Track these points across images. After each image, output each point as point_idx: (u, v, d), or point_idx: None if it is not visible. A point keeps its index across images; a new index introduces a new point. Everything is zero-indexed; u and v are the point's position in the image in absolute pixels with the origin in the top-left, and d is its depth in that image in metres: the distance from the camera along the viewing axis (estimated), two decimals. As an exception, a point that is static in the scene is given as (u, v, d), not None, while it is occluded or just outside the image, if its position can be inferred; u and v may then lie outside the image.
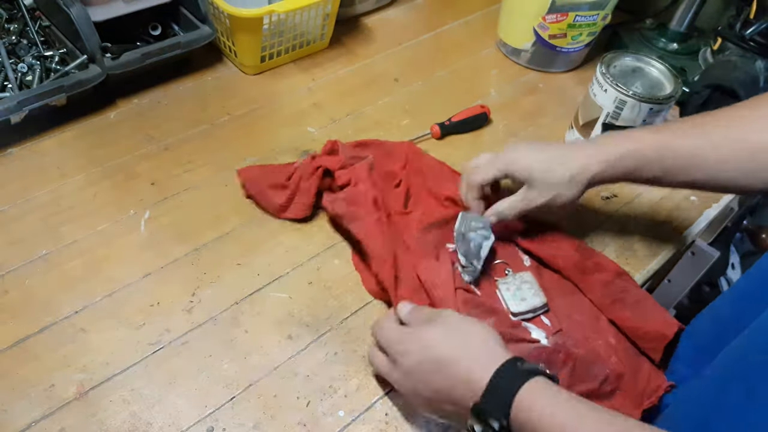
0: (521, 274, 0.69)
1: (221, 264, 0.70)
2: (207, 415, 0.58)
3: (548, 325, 0.66)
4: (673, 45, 1.03)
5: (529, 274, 0.69)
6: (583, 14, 0.94)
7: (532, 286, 0.68)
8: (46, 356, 0.61)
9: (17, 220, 0.72)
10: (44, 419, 0.57)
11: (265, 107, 0.90)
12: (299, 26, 0.93)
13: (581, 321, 0.66)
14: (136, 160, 0.80)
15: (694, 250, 0.83)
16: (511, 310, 0.66)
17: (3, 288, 0.66)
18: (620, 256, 0.77)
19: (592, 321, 0.67)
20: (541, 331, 0.65)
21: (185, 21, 0.90)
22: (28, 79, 0.81)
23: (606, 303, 0.67)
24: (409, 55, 1.03)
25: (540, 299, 0.67)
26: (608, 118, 0.82)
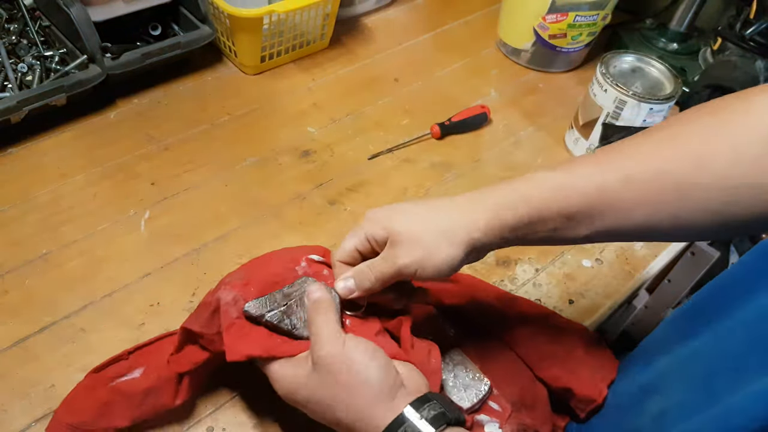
0: (450, 355, 0.59)
1: (221, 264, 0.70)
2: (207, 415, 0.58)
3: (498, 410, 0.57)
4: (673, 45, 1.03)
5: (458, 352, 0.59)
6: (583, 14, 0.94)
7: (466, 366, 0.58)
8: (46, 356, 0.61)
9: (17, 220, 0.72)
10: (44, 419, 0.57)
11: (265, 107, 0.90)
12: (299, 26, 0.93)
13: (522, 387, 0.60)
14: (136, 160, 0.80)
15: (694, 250, 0.83)
16: (461, 407, 0.56)
17: (3, 288, 0.66)
18: (620, 256, 0.77)
19: (529, 384, 0.60)
20: (494, 423, 0.56)
21: (185, 21, 0.90)
22: (28, 79, 0.81)
23: (534, 359, 0.61)
24: (409, 55, 1.03)
25: (482, 383, 0.57)
26: (608, 118, 0.82)
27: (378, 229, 0.51)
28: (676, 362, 0.52)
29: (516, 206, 0.49)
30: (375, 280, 0.51)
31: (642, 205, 0.46)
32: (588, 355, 0.61)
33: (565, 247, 0.77)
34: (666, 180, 0.45)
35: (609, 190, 0.47)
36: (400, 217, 0.51)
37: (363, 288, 0.52)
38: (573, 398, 0.60)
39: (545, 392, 0.60)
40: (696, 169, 0.45)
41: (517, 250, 0.76)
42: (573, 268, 0.75)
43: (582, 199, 0.47)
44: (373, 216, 0.52)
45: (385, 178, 0.83)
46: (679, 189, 0.45)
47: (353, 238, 0.53)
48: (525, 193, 0.49)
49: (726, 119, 0.45)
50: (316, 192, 0.79)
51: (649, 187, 0.46)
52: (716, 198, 0.44)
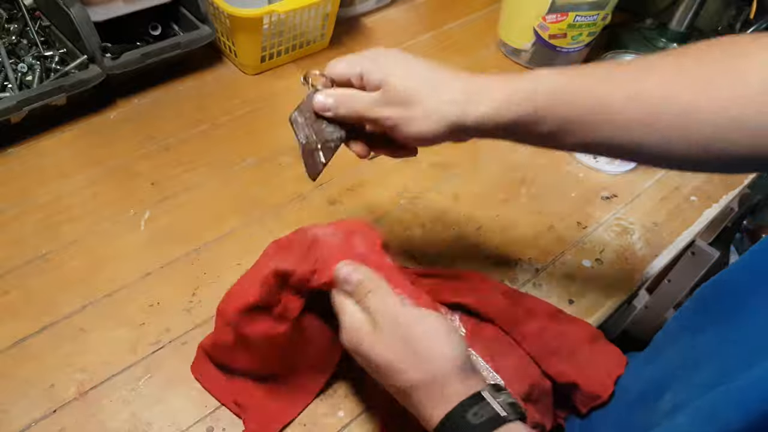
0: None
1: (221, 264, 0.70)
2: (207, 415, 0.58)
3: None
4: (673, 45, 1.02)
5: (470, 352, 0.57)
6: (583, 14, 0.94)
7: (479, 367, 0.58)
8: (46, 356, 0.61)
9: (17, 220, 0.72)
10: (44, 419, 0.57)
11: (265, 107, 0.90)
12: (299, 26, 0.93)
13: (531, 384, 0.60)
14: (136, 160, 0.80)
15: (694, 250, 0.83)
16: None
17: (3, 288, 0.66)
18: (620, 256, 0.77)
19: (538, 380, 0.61)
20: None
21: (185, 21, 0.90)
22: (28, 79, 0.81)
23: (542, 355, 0.61)
24: (409, 55, 1.03)
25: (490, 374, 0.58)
26: (608, 118, 0.82)
27: (375, 73, 0.50)
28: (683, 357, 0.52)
29: (518, 105, 0.48)
30: (353, 113, 0.52)
31: (641, 123, 0.46)
32: (595, 351, 0.62)
33: (565, 247, 0.77)
34: (670, 101, 0.46)
35: (613, 103, 0.47)
36: (400, 69, 0.50)
37: (338, 112, 0.53)
38: (578, 393, 0.60)
39: (550, 387, 0.60)
40: (700, 94, 0.45)
41: (517, 249, 0.76)
42: (573, 268, 0.75)
43: (584, 108, 0.47)
44: (375, 57, 0.52)
45: (384, 178, 0.83)
46: (681, 112, 0.45)
47: (348, 68, 0.52)
48: (528, 92, 0.48)
49: (736, 53, 0.45)
50: (316, 192, 0.79)
51: (652, 106, 0.46)
52: (713, 126, 0.45)
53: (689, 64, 0.46)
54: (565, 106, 0.48)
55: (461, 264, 0.74)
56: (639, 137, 0.47)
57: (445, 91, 0.49)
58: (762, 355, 0.41)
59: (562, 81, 0.48)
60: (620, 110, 0.47)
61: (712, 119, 0.44)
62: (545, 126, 0.48)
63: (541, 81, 0.49)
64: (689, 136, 0.45)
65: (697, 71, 0.46)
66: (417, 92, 0.49)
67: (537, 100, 0.48)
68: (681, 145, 0.46)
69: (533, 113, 0.48)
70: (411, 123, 0.49)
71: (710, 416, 0.41)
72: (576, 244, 0.78)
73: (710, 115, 0.44)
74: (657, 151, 0.47)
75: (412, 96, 0.49)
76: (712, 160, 0.46)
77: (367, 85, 0.51)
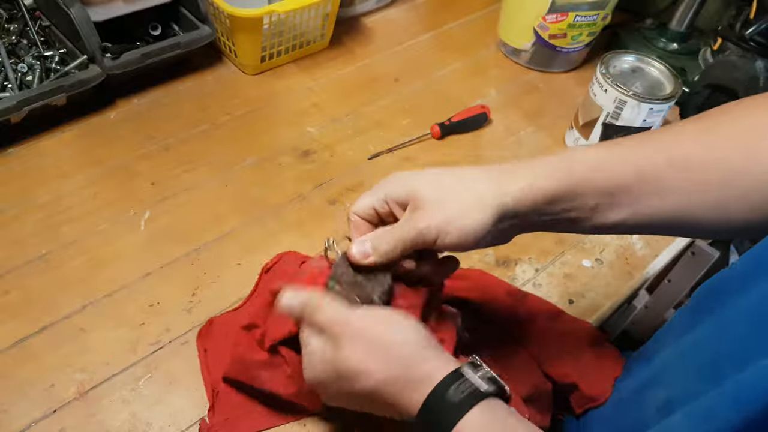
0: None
1: (221, 264, 0.70)
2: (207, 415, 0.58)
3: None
4: (673, 45, 1.03)
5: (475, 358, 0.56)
6: (583, 14, 0.94)
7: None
8: (46, 356, 0.61)
9: (17, 220, 0.72)
10: (44, 419, 0.57)
11: (265, 107, 0.90)
12: (299, 26, 0.93)
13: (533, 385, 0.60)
14: (136, 160, 0.80)
15: (694, 250, 0.83)
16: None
17: (3, 288, 0.66)
18: (620, 256, 0.77)
19: (540, 382, 0.61)
20: None
21: (185, 21, 0.90)
22: (28, 79, 0.81)
23: (543, 356, 0.61)
24: (409, 55, 1.03)
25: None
26: (608, 118, 0.82)
27: (399, 190, 0.48)
28: (678, 352, 0.52)
29: (554, 176, 0.46)
30: (394, 244, 0.47)
31: (685, 188, 0.45)
32: (595, 353, 0.62)
33: (566, 247, 0.77)
34: (713, 165, 0.44)
35: (655, 169, 0.45)
36: (424, 181, 0.48)
37: (380, 251, 0.47)
38: (576, 394, 0.60)
39: (551, 387, 0.60)
40: (745, 158, 0.44)
41: (517, 249, 0.76)
42: (573, 268, 0.75)
43: (625, 176, 0.45)
44: (395, 177, 0.49)
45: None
46: (725, 176, 0.44)
47: (371, 197, 0.49)
48: (564, 164, 0.46)
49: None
50: (316, 192, 0.79)
51: (695, 170, 0.44)
52: (760, 190, 0.43)
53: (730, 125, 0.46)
54: (603, 174, 0.46)
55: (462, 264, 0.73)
56: (684, 204, 0.45)
57: (478, 179, 0.47)
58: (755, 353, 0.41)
59: (595, 152, 0.47)
60: (663, 176, 0.45)
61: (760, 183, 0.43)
62: (587, 198, 0.46)
63: (575, 154, 0.47)
64: (746, 198, 0.44)
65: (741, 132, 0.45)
66: (450, 190, 0.47)
67: (574, 169, 0.46)
68: (740, 211, 0.45)
69: (571, 185, 0.46)
70: (453, 223, 0.45)
71: (706, 416, 0.41)
72: (576, 244, 0.78)
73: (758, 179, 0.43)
74: (714, 219, 0.45)
75: (445, 196, 0.46)
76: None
77: (395, 206, 0.49)
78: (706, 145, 0.45)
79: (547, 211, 0.47)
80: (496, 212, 0.46)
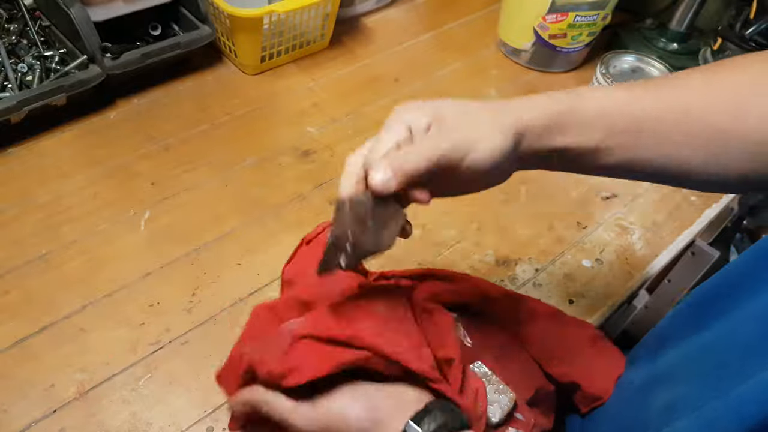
0: (472, 369, 0.57)
1: (221, 264, 0.70)
2: (207, 415, 0.58)
3: (523, 420, 0.56)
4: (673, 45, 1.03)
5: (479, 365, 0.57)
6: (583, 14, 0.94)
7: (489, 380, 0.56)
8: (46, 356, 0.61)
9: (17, 220, 0.72)
10: (44, 419, 0.57)
11: (265, 107, 0.90)
12: (299, 26, 0.93)
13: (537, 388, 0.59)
14: (136, 160, 0.80)
15: (694, 250, 0.83)
16: (491, 421, 0.54)
17: (3, 288, 0.66)
18: (620, 256, 0.77)
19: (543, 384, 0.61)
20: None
21: (185, 21, 0.90)
22: (28, 79, 0.81)
23: (544, 357, 0.61)
24: (409, 55, 1.03)
25: (507, 396, 0.55)
26: (608, 118, 0.82)
27: (420, 116, 0.45)
28: (683, 355, 0.52)
29: (562, 110, 0.46)
30: (421, 159, 0.43)
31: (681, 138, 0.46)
32: (596, 352, 0.62)
33: (565, 247, 0.77)
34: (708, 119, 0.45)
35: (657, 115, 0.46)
36: (446, 104, 0.46)
37: (405, 170, 0.43)
38: (579, 393, 0.60)
39: (554, 389, 0.60)
40: (733, 117, 0.45)
41: (517, 249, 0.76)
42: (573, 268, 0.75)
43: (629, 117, 0.46)
44: (411, 105, 0.47)
45: (385, 178, 0.82)
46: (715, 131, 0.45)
47: (390, 133, 0.46)
48: (570, 99, 0.47)
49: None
50: (316, 192, 0.79)
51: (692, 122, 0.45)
52: (745, 150, 0.44)
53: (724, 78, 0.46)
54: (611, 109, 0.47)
55: (461, 264, 0.74)
56: (684, 154, 0.46)
57: (495, 106, 0.46)
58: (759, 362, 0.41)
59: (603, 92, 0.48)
60: (662, 123, 0.46)
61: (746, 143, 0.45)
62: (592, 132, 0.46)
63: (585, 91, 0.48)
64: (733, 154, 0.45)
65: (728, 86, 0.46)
66: (474, 111, 0.46)
67: (584, 96, 0.47)
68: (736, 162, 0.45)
69: (576, 121, 0.46)
70: (481, 141, 0.44)
71: (710, 426, 0.41)
72: (576, 244, 0.78)
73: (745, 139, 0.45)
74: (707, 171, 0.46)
75: (470, 116, 0.45)
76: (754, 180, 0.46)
77: (420, 133, 0.46)
78: (705, 98, 0.46)
79: (551, 145, 0.47)
80: (517, 132, 0.45)
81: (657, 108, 0.46)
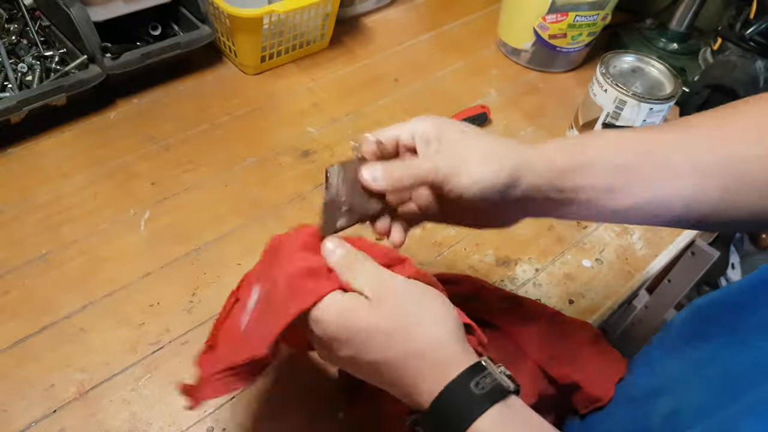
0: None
1: (221, 264, 0.70)
2: (207, 415, 0.58)
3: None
4: (673, 45, 1.03)
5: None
6: (583, 14, 0.94)
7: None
8: (46, 356, 0.61)
9: (17, 220, 0.72)
10: (44, 419, 0.57)
11: (265, 107, 0.90)
12: (299, 26, 0.93)
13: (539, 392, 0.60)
14: (136, 160, 0.80)
15: (694, 250, 0.83)
16: None
17: (3, 288, 0.66)
18: (620, 256, 0.77)
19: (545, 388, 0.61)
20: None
21: (185, 21, 0.90)
22: (28, 79, 0.81)
23: (544, 358, 0.61)
24: (409, 55, 1.03)
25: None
26: (608, 118, 0.82)
27: (429, 130, 0.48)
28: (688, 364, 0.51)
29: (568, 149, 0.47)
30: (406, 173, 0.47)
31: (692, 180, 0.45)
32: (596, 353, 0.62)
33: (565, 247, 0.77)
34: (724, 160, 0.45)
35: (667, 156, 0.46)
36: (453, 127, 0.48)
37: (392, 177, 0.47)
38: (579, 394, 0.60)
39: (555, 391, 0.60)
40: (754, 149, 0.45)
41: (517, 249, 0.76)
42: (573, 268, 0.75)
43: (637, 158, 0.46)
44: (425, 119, 0.49)
45: (385, 178, 0.82)
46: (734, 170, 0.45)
47: (400, 129, 0.49)
48: (578, 140, 0.48)
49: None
50: (316, 192, 0.79)
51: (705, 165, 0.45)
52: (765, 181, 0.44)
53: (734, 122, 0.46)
54: (616, 153, 0.46)
55: (462, 264, 0.74)
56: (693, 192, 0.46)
57: (501, 140, 0.48)
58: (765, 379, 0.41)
59: (611, 134, 0.48)
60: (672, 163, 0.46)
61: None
62: (599, 176, 0.46)
63: (590, 136, 0.49)
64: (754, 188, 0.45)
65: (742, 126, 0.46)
66: (474, 139, 0.47)
67: (588, 145, 0.47)
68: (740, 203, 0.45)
69: (586, 159, 0.46)
70: (465, 167, 0.45)
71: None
72: (576, 244, 0.78)
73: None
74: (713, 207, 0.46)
75: (468, 142, 0.47)
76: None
77: (420, 142, 0.48)
78: (716, 141, 0.46)
79: (560, 186, 0.46)
80: (511, 170, 0.45)
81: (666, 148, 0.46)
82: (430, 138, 0.48)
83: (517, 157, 0.46)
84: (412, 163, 0.48)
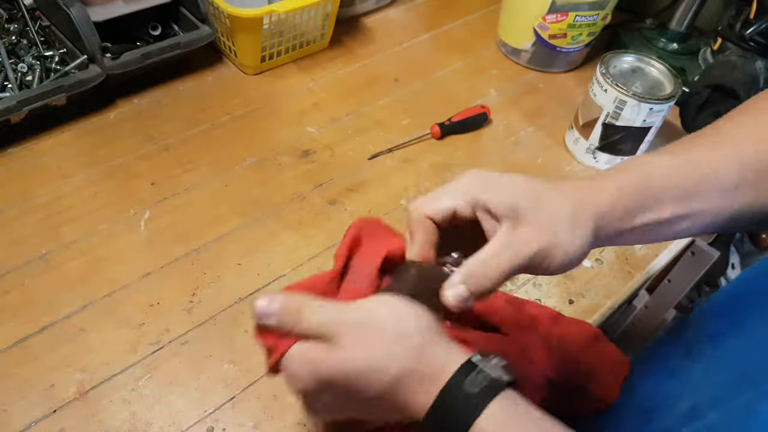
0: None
1: (221, 264, 0.70)
2: (207, 415, 0.58)
3: None
4: (673, 45, 1.03)
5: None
6: (583, 14, 0.94)
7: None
8: (46, 356, 0.61)
9: (17, 220, 0.72)
10: (44, 419, 0.57)
11: (265, 107, 0.90)
12: (299, 26, 0.93)
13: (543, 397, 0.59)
14: (136, 160, 0.80)
15: (694, 250, 0.83)
16: None
17: (3, 288, 0.66)
18: (620, 256, 0.77)
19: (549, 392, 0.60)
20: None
21: (185, 21, 0.90)
22: (28, 79, 0.81)
23: (548, 362, 0.60)
24: (409, 55, 1.03)
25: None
26: (608, 118, 0.82)
27: (498, 199, 0.41)
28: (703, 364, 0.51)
29: (636, 186, 0.43)
30: (497, 278, 0.41)
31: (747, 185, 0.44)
32: (598, 354, 0.62)
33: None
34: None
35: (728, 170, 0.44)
36: (521, 191, 0.41)
37: (480, 292, 0.41)
38: (584, 396, 0.60)
39: (556, 394, 0.60)
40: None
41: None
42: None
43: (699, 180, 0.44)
44: (484, 180, 0.42)
45: (385, 178, 0.83)
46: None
47: (454, 198, 0.43)
48: (641, 173, 0.44)
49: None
50: (316, 192, 0.79)
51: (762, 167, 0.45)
52: None
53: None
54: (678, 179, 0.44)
55: (461, 264, 0.74)
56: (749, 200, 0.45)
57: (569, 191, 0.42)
58: None
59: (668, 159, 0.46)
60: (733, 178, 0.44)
61: None
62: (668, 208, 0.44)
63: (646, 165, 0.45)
64: None
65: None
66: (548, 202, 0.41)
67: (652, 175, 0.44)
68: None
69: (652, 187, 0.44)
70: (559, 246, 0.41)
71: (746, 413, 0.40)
72: (576, 244, 0.78)
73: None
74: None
75: (545, 210, 0.41)
76: None
77: (484, 214, 0.42)
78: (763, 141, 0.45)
79: (629, 228, 0.44)
80: (594, 225, 0.42)
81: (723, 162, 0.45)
82: (497, 213, 0.42)
83: (594, 212, 0.42)
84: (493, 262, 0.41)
